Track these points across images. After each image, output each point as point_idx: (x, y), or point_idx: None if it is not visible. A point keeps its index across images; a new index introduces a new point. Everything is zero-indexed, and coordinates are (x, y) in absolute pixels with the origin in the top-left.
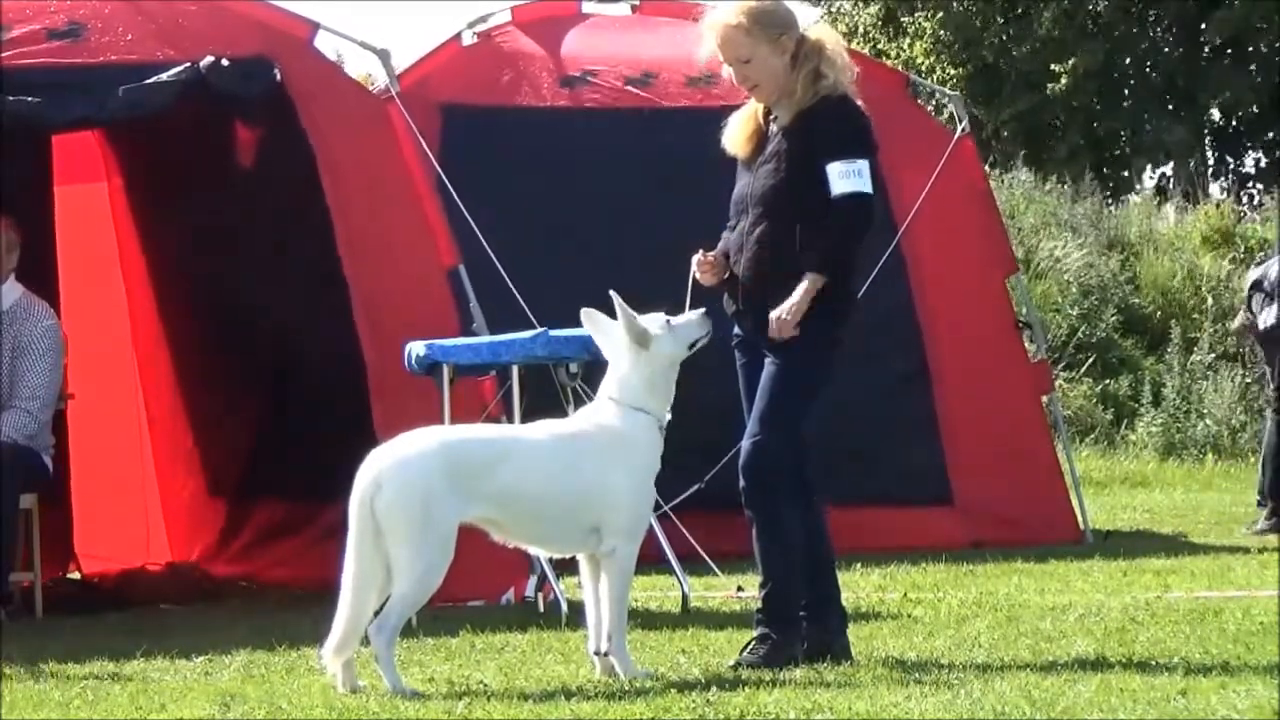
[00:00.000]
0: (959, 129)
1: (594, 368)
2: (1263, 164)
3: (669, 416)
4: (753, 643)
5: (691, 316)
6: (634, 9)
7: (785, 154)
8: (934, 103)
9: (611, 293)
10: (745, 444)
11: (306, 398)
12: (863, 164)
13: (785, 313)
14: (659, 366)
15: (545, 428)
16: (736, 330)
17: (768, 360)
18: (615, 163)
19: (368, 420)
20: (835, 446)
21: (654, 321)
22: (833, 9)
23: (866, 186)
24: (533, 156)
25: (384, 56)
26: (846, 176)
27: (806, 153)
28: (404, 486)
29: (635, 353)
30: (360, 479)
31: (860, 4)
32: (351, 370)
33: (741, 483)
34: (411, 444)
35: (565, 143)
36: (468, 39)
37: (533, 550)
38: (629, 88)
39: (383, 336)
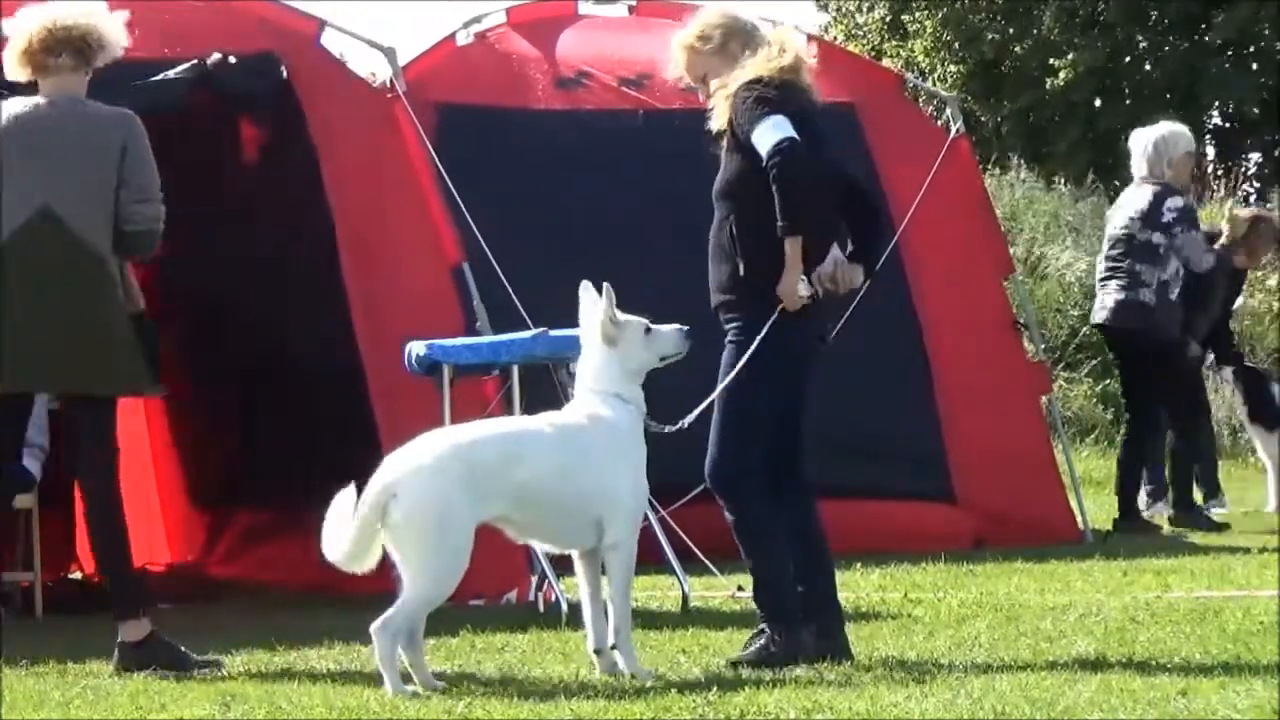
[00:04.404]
0: (954, 130)
1: None
2: (1263, 164)
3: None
4: (751, 639)
5: (670, 330)
6: (631, 10)
7: (725, 149)
8: (934, 104)
9: (606, 285)
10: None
11: (307, 397)
12: (774, 118)
13: (782, 286)
14: (628, 367)
15: (547, 421)
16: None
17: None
18: (610, 164)
19: (364, 422)
20: (838, 443)
21: (635, 326)
22: (840, 8)
23: (784, 132)
24: (527, 157)
25: (390, 54)
26: (762, 136)
27: (733, 142)
28: (421, 497)
29: (605, 347)
30: (373, 485)
31: (864, 6)
32: (353, 370)
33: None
34: (427, 451)
35: (560, 144)
36: (463, 39)
37: (543, 546)
38: (624, 89)
39: (386, 335)
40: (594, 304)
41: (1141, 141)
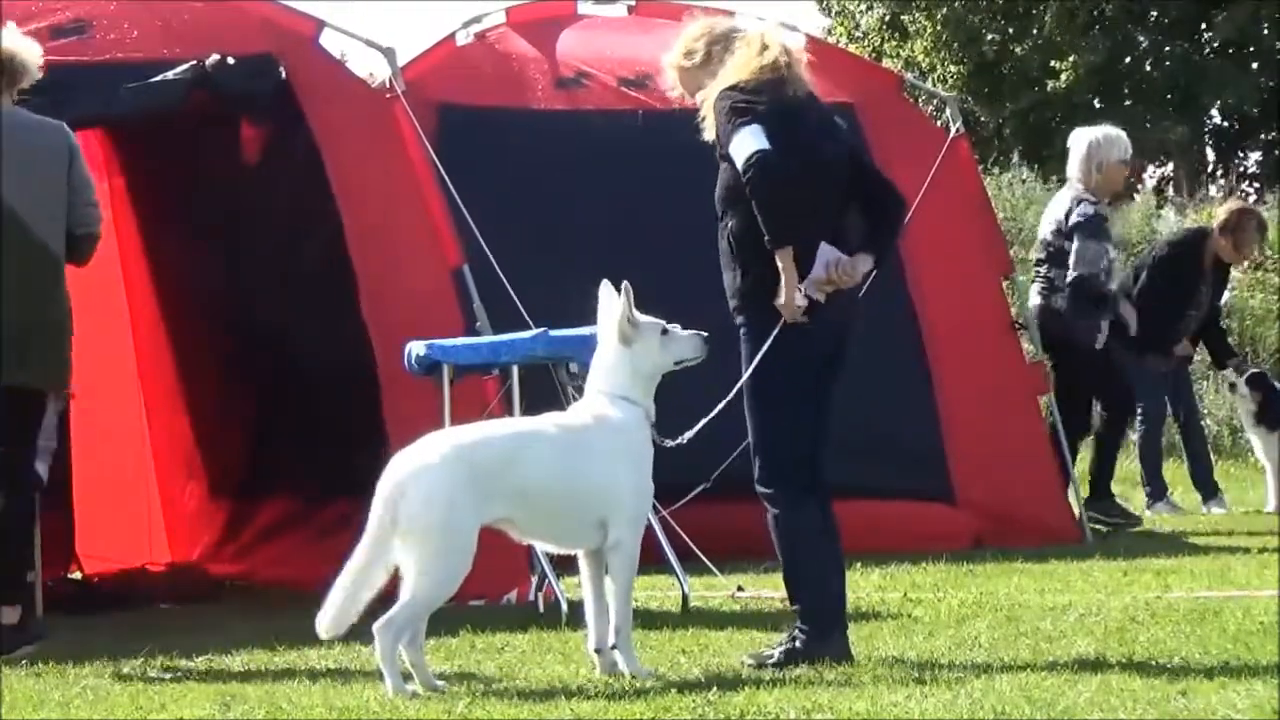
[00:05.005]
0: (954, 130)
1: None
2: (1263, 164)
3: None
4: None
5: (687, 335)
6: (630, 10)
7: (719, 156)
8: (934, 104)
9: (625, 284)
10: None
11: (308, 397)
12: (747, 129)
13: (779, 298)
14: (641, 369)
15: (551, 421)
16: None
17: None
18: (610, 164)
19: (368, 421)
20: (838, 443)
21: (652, 327)
22: (842, 9)
23: (757, 144)
24: (527, 157)
25: (389, 55)
26: (736, 149)
27: (722, 151)
28: (428, 496)
29: (619, 347)
30: (383, 487)
31: (864, 7)
32: (353, 370)
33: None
34: (431, 452)
35: (560, 144)
36: (463, 39)
37: (546, 547)
38: (624, 89)
39: (388, 335)
40: (613, 302)
41: (1078, 142)
